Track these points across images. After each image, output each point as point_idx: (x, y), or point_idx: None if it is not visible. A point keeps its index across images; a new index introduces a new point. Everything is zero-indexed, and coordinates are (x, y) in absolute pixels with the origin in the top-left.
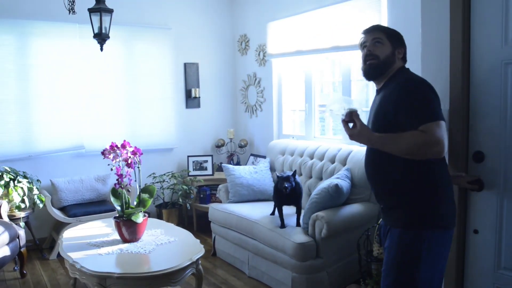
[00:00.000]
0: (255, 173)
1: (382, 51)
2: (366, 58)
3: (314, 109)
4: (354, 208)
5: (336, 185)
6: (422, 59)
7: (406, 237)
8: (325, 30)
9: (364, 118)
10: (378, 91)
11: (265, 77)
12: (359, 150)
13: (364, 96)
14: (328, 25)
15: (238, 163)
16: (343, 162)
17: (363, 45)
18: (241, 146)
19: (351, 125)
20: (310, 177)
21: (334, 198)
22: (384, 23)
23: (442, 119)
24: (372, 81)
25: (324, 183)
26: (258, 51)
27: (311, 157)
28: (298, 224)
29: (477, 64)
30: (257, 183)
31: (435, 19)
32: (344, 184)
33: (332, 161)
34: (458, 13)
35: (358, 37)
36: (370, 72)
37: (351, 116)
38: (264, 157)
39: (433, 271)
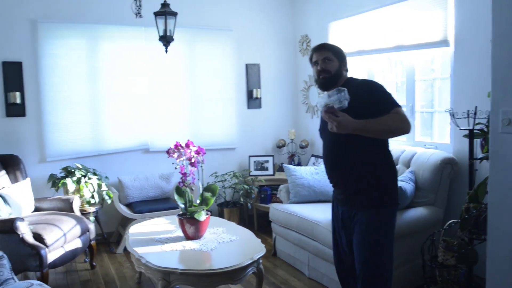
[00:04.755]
0: (316, 174)
1: (332, 67)
2: (319, 74)
3: None
4: (418, 212)
5: (400, 188)
6: (493, 58)
7: (378, 215)
8: (388, 29)
9: None
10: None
11: None
12: (423, 152)
13: (429, 96)
14: (391, 24)
15: (299, 164)
16: (407, 164)
17: (314, 62)
18: (302, 147)
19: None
20: None
21: None
22: (451, 21)
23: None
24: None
25: None
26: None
27: None
28: None
29: None
30: (318, 184)
31: (508, 16)
32: (408, 187)
33: (395, 163)
34: None
35: (422, 36)
36: (324, 84)
37: (333, 109)
38: None
39: (393, 243)
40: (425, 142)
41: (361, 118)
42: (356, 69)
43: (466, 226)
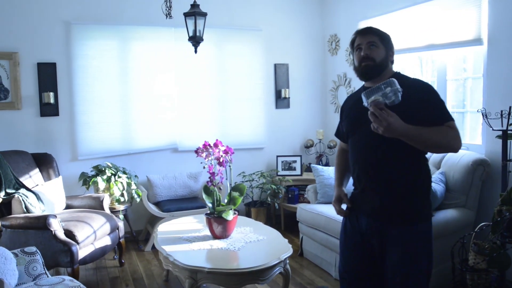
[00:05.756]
0: None
1: (377, 54)
2: (362, 60)
3: None
4: (448, 214)
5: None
6: None
7: (419, 232)
8: (419, 28)
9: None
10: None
11: (355, 77)
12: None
13: (461, 96)
14: (423, 23)
15: (327, 164)
16: (437, 166)
17: (357, 47)
18: (330, 147)
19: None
20: None
21: None
22: (485, 19)
23: None
24: (366, 81)
25: None
26: (349, 51)
27: None
28: None
29: None
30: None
31: None
32: (438, 188)
33: None
34: None
35: (455, 35)
36: (366, 74)
37: (384, 105)
38: None
39: (431, 261)
40: None
41: (406, 123)
42: None
43: (498, 229)
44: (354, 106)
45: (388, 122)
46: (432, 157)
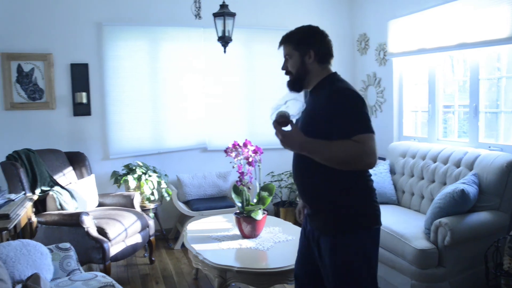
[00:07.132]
0: (374, 175)
1: (292, 66)
2: (285, 74)
3: (438, 110)
4: (481, 216)
5: (462, 191)
6: None
7: (339, 242)
8: (451, 26)
9: None
10: (310, 93)
11: (385, 77)
12: (488, 154)
13: (494, 95)
14: (454, 21)
15: None
16: (470, 167)
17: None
18: None
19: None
20: (433, 181)
21: (459, 204)
22: None
23: (374, 132)
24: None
25: (449, 188)
26: (378, 50)
27: (434, 160)
28: None
29: None
30: (376, 185)
31: None
32: (471, 189)
33: (457, 165)
34: None
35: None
36: (291, 88)
37: (286, 119)
38: (384, 159)
39: (370, 270)
40: (490, 143)
41: (321, 134)
42: (416, 68)
43: None
44: None
45: (282, 135)
46: (464, 158)
